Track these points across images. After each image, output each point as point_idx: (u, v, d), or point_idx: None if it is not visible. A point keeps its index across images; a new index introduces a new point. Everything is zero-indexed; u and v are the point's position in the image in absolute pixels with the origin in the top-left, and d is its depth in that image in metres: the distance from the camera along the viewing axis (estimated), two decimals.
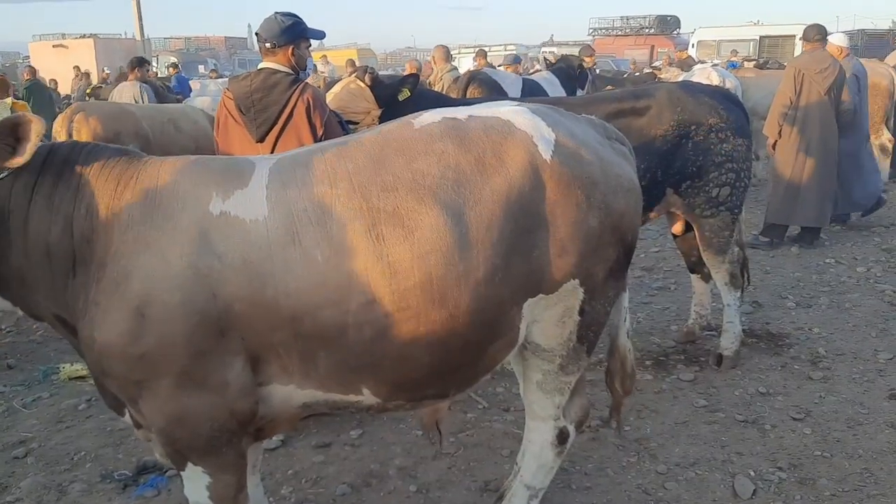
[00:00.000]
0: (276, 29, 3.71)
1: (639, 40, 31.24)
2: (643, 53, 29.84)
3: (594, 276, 2.62)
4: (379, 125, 2.69)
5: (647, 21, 31.90)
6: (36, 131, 2.26)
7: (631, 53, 29.77)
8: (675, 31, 32.24)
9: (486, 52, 12.86)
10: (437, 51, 8.55)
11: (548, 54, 29.77)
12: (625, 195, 2.66)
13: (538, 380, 2.86)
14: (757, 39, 26.56)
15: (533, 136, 2.51)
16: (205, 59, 36.04)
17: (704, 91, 4.65)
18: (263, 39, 3.73)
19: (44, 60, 26.45)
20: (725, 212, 4.54)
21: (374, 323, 2.33)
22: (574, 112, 4.29)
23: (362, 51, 41.04)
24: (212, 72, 22.97)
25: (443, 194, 2.37)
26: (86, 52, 25.38)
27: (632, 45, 31.20)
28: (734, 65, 11.47)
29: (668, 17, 32.38)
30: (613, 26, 33.08)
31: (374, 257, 2.30)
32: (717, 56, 24.89)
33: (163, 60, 32.48)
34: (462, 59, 31.27)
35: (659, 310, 5.92)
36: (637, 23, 32.29)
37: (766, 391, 4.46)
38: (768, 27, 27.99)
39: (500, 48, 33.15)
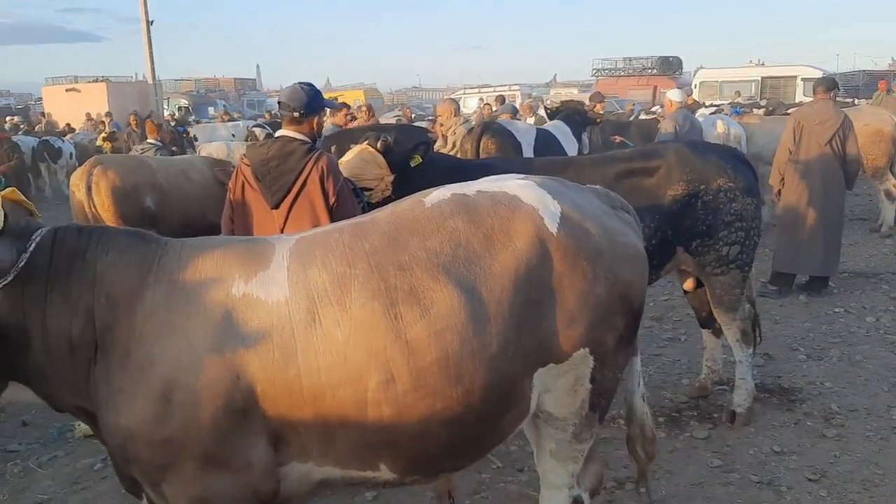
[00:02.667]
0: (303, 99, 3.80)
1: (641, 81, 31.56)
2: (646, 94, 30.10)
3: (604, 344, 2.66)
4: (390, 204, 2.75)
5: (650, 62, 32.27)
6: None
7: (634, 94, 30.08)
8: (677, 71, 32.57)
9: (504, 97, 13.01)
10: (446, 104, 8.66)
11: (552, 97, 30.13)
12: (631, 263, 2.73)
13: (552, 448, 2.88)
14: (759, 80, 26.83)
15: (539, 209, 2.58)
16: (214, 100, 36.51)
17: (713, 150, 4.72)
18: (291, 109, 3.80)
19: (57, 104, 26.86)
20: (736, 270, 4.58)
21: (392, 401, 2.37)
22: (584, 172, 4.47)
23: (369, 91, 41.53)
24: (223, 114, 23.25)
25: (456, 271, 2.43)
26: (98, 95, 25.73)
27: (634, 85, 31.53)
28: (738, 111, 11.59)
29: (671, 58, 32.78)
30: (616, 67, 33.45)
31: (393, 336, 2.35)
32: (719, 97, 25.16)
33: (173, 103, 32.95)
34: (467, 100, 31.68)
35: (670, 362, 5.93)
36: (640, 64, 32.67)
37: (780, 450, 4.44)
38: (770, 68, 28.30)
39: (505, 88, 33.46)
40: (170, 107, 31.52)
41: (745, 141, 9.78)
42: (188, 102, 33.45)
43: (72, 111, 23.52)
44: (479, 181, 2.80)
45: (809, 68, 26.68)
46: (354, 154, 4.42)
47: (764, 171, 10.10)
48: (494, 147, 7.18)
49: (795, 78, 26.06)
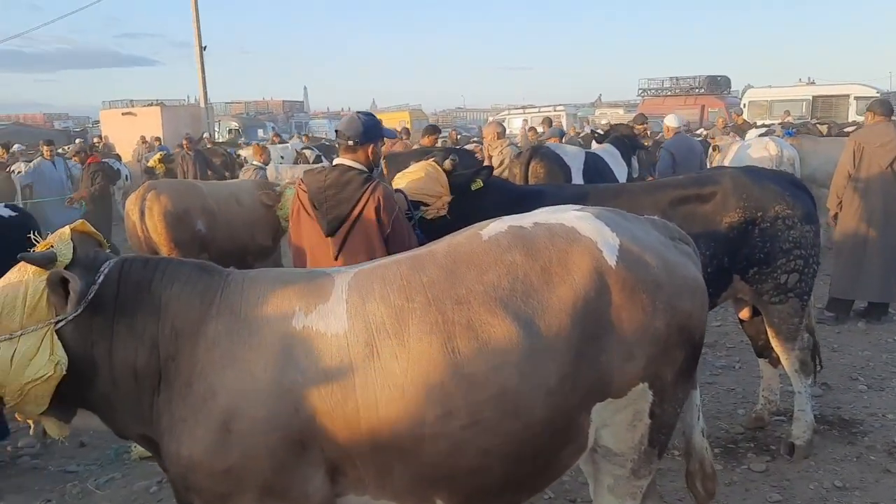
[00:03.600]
0: (360, 128, 3.85)
1: (688, 101, 31.08)
2: (693, 114, 29.67)
3: (663, 378, 2.62)
4: (447, 237, 2.74)
5: (697, 81, 31.81)
6: (73, 288, 2.33)
7: (681, 114, 29.70)
8: (725, 91, 32.09)
9: (550, 119, 12.98)
10: (491, 127, 8.70)
11: (597, 118, 29.93)
12: (690, 296, 2.68)
13: (609, 484, 2.82)
14: (810, 99, 26.26)
15: (597, 242, 2.56)
16: (264, 122, 37.13)
17: (770, 177, 4.64)
18: (347, 137, 3.84)
19: (114, 128, 27.63)
20: (794, 298, 4.48)
21: (449, 435, 2.36)
22: (637, 199, 4.42)
23: (414, 112, 41.84)
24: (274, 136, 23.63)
25: (513, 305, 2.42)
26: (152, 118, 26.39)
27: (681, 105, 31.04)
28: (790, 133, 11.38)
29: (719, 77, 32.28)
30: (663, 87, 33.04)
31: (451, 370, 2.35)
32: (769, 116, 24.71)
33: (224, 125, 33.63)
34: (512, 120, 31.70)
35: (724, 391, 5.81)
36: (686, 83, 32.22)
37: (842, 485, 4.31)
38: (821, 87, 27.70)
39: (549, 108, 33.38)
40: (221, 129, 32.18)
41: (798, 164, 9.58)
42: (238, 125, 34.13)
43: (127, 134, 24.15)
44: (535, 212, 2.79)
45: (862, 87, 26.07)
46: (420, 167, 4.45)
47: (818, 194, 9.93)
48: (543, 171, 7.16)
49: (848, 97, 25.46)
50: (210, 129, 26.29)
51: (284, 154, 17.11)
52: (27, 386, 2.32)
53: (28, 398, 2.35)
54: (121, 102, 31.61)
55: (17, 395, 2.34)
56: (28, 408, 2.40)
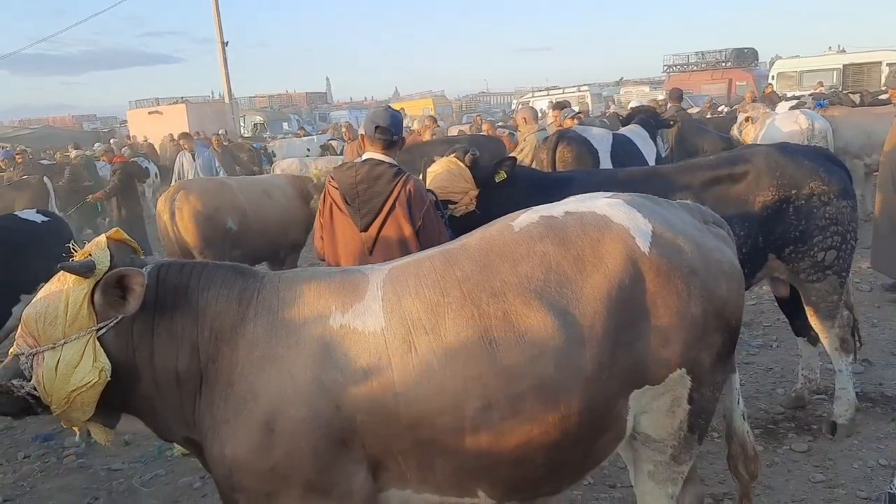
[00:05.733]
0: (400, 124, 3.89)
1: (715, 75, 30.65)
2: (721, 88, 29.29)
3: (701, 364, 2.60)
4: (479, 229, 2.74)
5: (724, 55, 31.29)
6: (139, 283, 2.35)
7: (708, 89, 29.27)
8: (752, 63, 31.54)
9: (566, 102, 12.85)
10: (525, 111, 8.64)
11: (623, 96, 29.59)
12: (726, 280, 2.66)
13: (650, 470, 2.82)
14: (840, 68, 25.64)
15: (630, 228, 2.55)
16: (288, 115, 37.34)
17: (803, 153, 4.54)
18: (391, 133, 3.84)
19: (141, 126, 28.02)
20: (833, 276, 4.40)
21: (489, 427, 2.37)
22: (670, 182, 4.37)
23: (437, 98, 41.82)
24: (300, 129, 23.77)
25: (548, 296, 2.42)
26: (178, 116, 26.71)
27: (708, 80, 30.66)
28: (821, 104, 11.17)
29: (745, 49, 31.73)
30: (688, 62, 32.57)
31: (489, 363, 2.36)
32: (798, 87, 24.25)
33: (249, 119, 33.88)
34: (536, 102, 31.52)
35: (762, 371, 5.74)
36: (713, 57, 31.72)
37: (886, 463, 4.24)
38: (852, 55, 27.05)
39: (574, 89, 33.10)
40: (245, 123, 32.41)
41: (831, 136, 9.41)
42: (263, 119, 34.36)
43: (155, 132, 24.49)
44: (566, 201, 2.78)
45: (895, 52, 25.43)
46: (442, 166, 4.44)
47: (851, 165, 9.74)
48: (571, 156, 7.09)
49: (881, 63, 24.83)
50: (235, 124, 26.51)
51: (310, 147, 17.20)
52: (73, 394, 2.36)
53: (74, 405, 2.39)
54: (147, 101, 32.02)
55: (64, 403, 2.38)
56: (74, 415, 2.44)
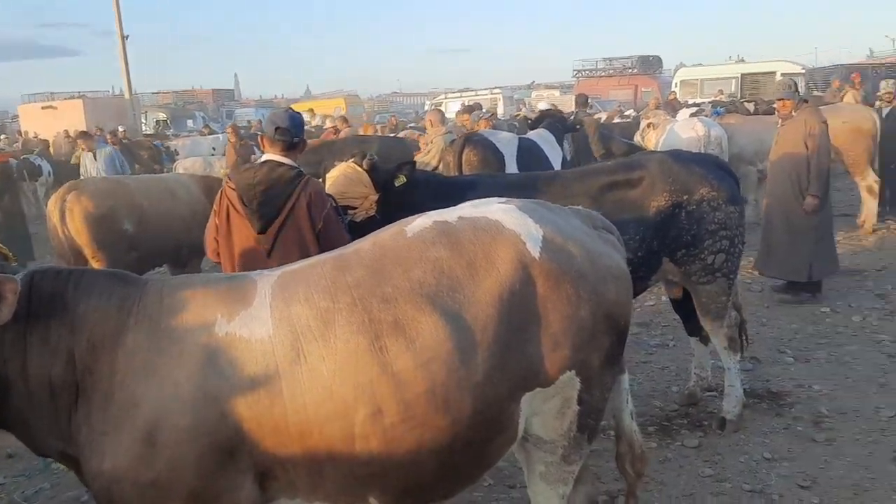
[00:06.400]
0: (301, 125, 3.82)
1: (622, 81, 31.70)
2: (627, 94, 30.27)
3: (590, 366, 2.67)
4: (372, 234, 2.73)
5: (630, 62, 32.38)
6: (11, 290, 2.23)
7: (615, 94, 30.19)
8: (657, 70, 32.72)
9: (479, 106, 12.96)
10: (433, 114, 8.68)
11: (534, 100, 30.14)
12: (615, 283, 2.74)
13: (541, 471, 2.88)
14: (739, 77, 26.95)
15: (521, 234, 2.59)
16: (193, 112, 36.27)
17: (695, 160, 4.73)
18: (292, 135, 3.78)
19: (33, 121, 26.61)
20: (721, 278, 4.59)
21: (380, 434, 2.36)
22: (569, 187, 4.46)
23: (350, 98, 41.47)
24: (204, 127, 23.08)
25: (440, 301, 2.44)
26: (75, 112, 25.53)
27: (616, 85, 31.65)
28: (718, 112, 11.65)
29: (650, 57, 32.94)
30: (597, 68, 33.55)
31: (379, 369, 2.35)
32: (700, 95, 25.26)
33: (151, 116, 32.71)
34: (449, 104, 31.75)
35: (658, 369, 5.93)
36: (620, 64, 32.77)
37: (771, 456, 4.45)
38: (749, 64, 28.43)
39: (486, 91, 33.55)
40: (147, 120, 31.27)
41: (726, 143, 9.82)
42: (166, 116, 33.23)
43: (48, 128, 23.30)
44: (461, 206, 2.81)
45: (789, 63, 26.86)
46: (339, 172, 4.40)
47: (745, 171, 10.21)
48: (477, 159, 7.16)
49: (775, 73, 26.15)
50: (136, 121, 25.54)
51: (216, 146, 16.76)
52: None
53: None
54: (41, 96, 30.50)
55: None
56: None
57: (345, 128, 13.75)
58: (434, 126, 8.29)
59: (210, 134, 20.18)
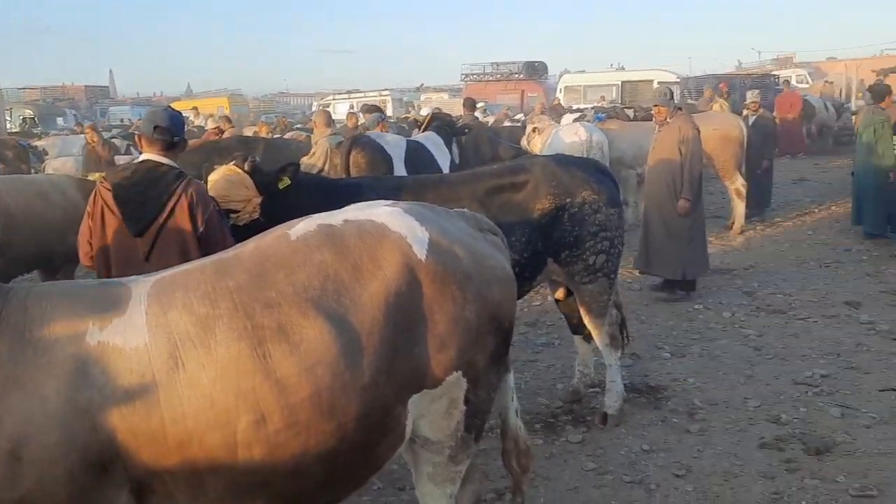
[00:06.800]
0: (181, 124, 3.72)
1: (509, 86, 32.29)
2: (514, 98, 30.84)
3: (476, 366, 2.72)
4: (254, 238, 2.67)
5: (517, 67, 33.04)
6: None
7: (503, 98, 30.73)
8: (542, 76, 33.55)
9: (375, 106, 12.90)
10: (319, 116, 8.57)
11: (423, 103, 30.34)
12: (499, 285, 2.80)
13: (429, 472, 2.90)
14: (619, 84, 28.03)
15: (407, 236, 2.61)
16: (63, 109, 34.28)
17: (576, 164, 4.90)
18: (172, 134, 3.65)
19: None
20: (603, 278, 4.77)
21: (264, 441, 2.32)
22: (455, 190, 4.51)
23: (234, 97, 40.41)
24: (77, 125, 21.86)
25: (325, 305, 2.42)
26: None
27: (503, 90, 32.21)
28: (599, 117, 12.07)
29: (536, 62, 33.69)
30: (485, 72, 34.04)
31: (262, 375, 2.31)
32: (583, 101, 26.13)
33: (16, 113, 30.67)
34: (337, 105, 31.48)
35: (544, 368, 6.09)
36: (507, 69, 33.37)
37: (649, 448, 4.65)
38: (629, 72, 29.63)
39: (375, 93, 33.51)
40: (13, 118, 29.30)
41: (607, 147, 10.20)
42: (33, 113, 31.21)
43: None
44: (345, 209, 2.80)
45: (665, 72, 28.19)
46: (220, 174, 4.28)
47: (626, 175, 10.65)
48: (364, 161, 7.14)
49: (652, 82, 27.39)
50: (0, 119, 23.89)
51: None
52: None
53: None
54: None
55: None
56: None
57: (229, 128, 13.38)
58: (319, 128, 8.20)
59: (83, 133, 19.13)
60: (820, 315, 6.98)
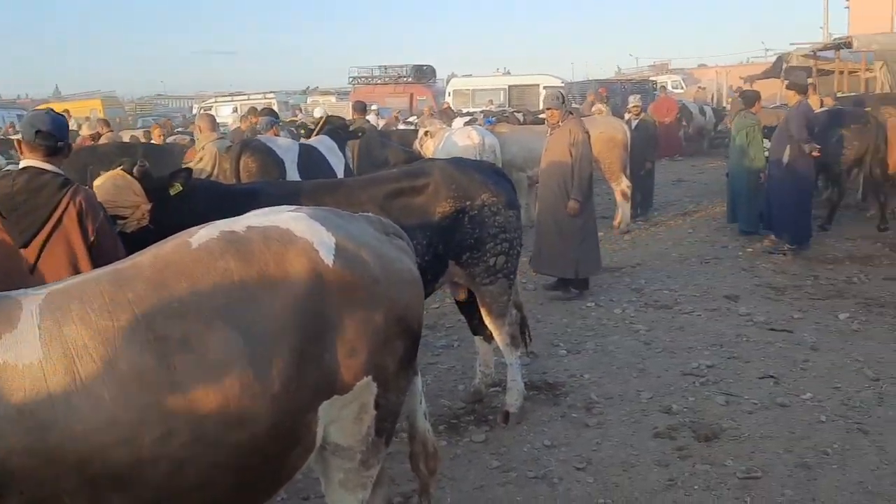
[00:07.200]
0: (65, 128, 3.52)
1: (398, 89, 32.33)
2: (403, 102, 30.90)
3: (386, 370, 2.72)
4: (151, 247, 2.56)
5: (405, 70, 33.13)
6: None
7: (391, 102, 30.73)
8: (431, 79, 33.79)
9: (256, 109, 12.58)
10: (202, 120, 8.29)
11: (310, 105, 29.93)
12: (407, 288, 2.82)
13: (340, 479, 2.87)
14: (506, 89, 28.63)
15: (313, 242, 2.58)
16: None
17: (474, 167, 4.97)
18: (56, 139, 3.45)
19: None
20: (503, 279, 4.85)
21: (170, 456, 2.24)
22: (355, 194, 4.48)
23: (107, 100, 38.50)
24: None
25: (231, 314, 2.36)
26: None
27: (391, 93, 32.21)
28: (490, 121, 12.30)
29: (424, 66, 33.89)
30: (373, 75, 33.95)
31: (167, 389, 2.23)
32: (471, 104, 26.50)
33: None
34: (221, 108, 30.65)
35: (445, 370, 6.13)
36: (395, 72, 33.41)
37: (550, 443, 4.77)
38: (515, 77, 30.32)
39: (259, 96, 32.79)
40: None
41: (499, 150, 10.38)
42: None
43: None
44: (248, 215, 2.74)
45: (550, 77, 29.00)
46: (107, 179, 4.08)
47: (517, 178, 10.85)
48: (255, 166, 6.98)
49: (538, 86, 28.15)
50: None
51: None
52: None
53: None
54: None
55: None
56: None
57: (107, 132, 12.75)
58: (205, 132, 7.95)
59: None
60: (703, 309, 7.36)
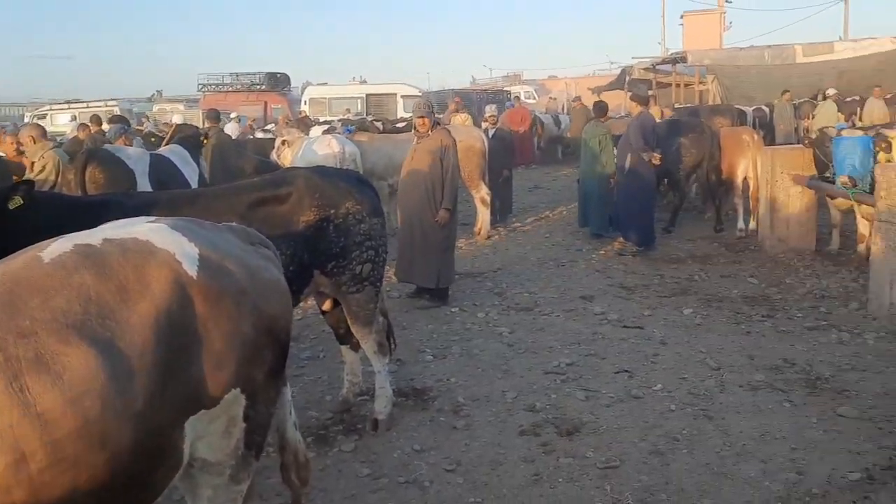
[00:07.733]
0: None
1: (251, 97, 31.64)
2: (257, 110, 30.27)
3: (254, 381, 2.67)
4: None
5: (258, 78, 32.47)
6: None
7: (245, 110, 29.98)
8: (285, 88, 33.30)
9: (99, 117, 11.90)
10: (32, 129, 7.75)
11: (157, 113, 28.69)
12: (275, 298, 2.78)
13: (209, 496, 2.78)
14: (364, 97, 28.69)
15: (175, 253, 2.50)
16: None
17: (338, 175, 4.96)
18: None
19: None
20: (369, 286, 4.86)
21: (27, 482, 2.10)
22: (215, 205, 4.36)
23: None
24: None
25: (88, 330, 2.24)
26: None
27: (244, 101, 31.45)
28: (349, 129, 12.27)
29: (278, 74, 33.33)
30: (223, 82, 33.01)
31: (20, 411, 2.09)
32: (328, 113, 26.35)
33: None
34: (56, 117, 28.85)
35: (312, 381, 6.06)
36: (248, 79, 32.66)
37: (420, 448, 4.81)
38: (373, 86, 30.45)
39: (100, 103, 31.10)
40: None
41: (359, 159, 10.38)
42: None
43: None
44: (103, 227, 2.61)
45: (407, 86, 29.34)
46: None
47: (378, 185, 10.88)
48: (103, 177, 6.61)
49: (396, 95, 28.42)
50: None
51: None
52: None
53: None
54: None
55: None
56: None
57: None
58: (38, 142, 7.46)
59: None
60: (561, 310, 7.68)
